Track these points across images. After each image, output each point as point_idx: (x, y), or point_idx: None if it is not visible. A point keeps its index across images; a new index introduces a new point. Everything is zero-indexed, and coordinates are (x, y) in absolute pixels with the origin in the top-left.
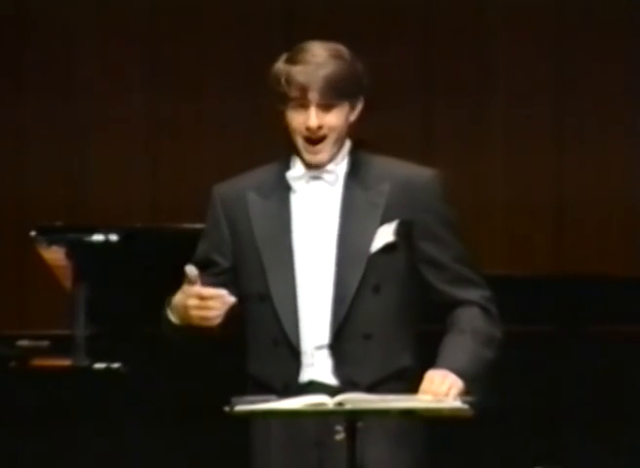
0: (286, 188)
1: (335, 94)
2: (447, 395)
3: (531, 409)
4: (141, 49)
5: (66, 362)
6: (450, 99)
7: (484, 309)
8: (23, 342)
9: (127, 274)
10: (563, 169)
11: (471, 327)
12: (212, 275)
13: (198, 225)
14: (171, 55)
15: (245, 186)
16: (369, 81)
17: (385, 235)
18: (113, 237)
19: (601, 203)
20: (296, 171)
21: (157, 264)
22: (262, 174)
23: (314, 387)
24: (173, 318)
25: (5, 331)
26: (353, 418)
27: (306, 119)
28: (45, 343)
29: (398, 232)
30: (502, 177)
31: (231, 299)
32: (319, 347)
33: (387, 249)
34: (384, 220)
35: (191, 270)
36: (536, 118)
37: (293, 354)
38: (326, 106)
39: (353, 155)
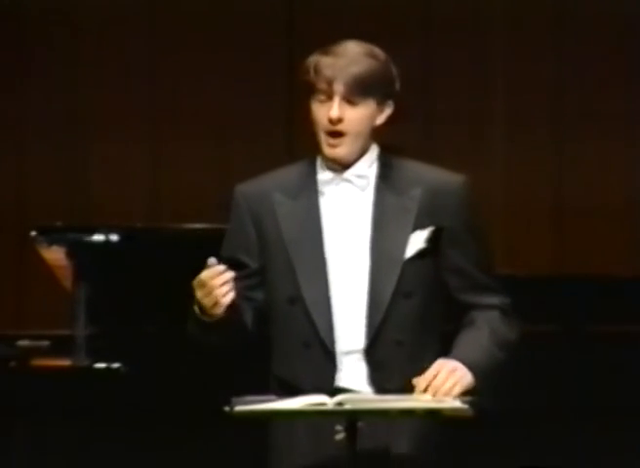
0: (314, 190)
1: (361, 90)
2: (448, 393)
3: (531, 410)
4: (142, 49)
5: (66, 362)
6: (449, 100)
7: (503, 312)
8: (23, 342)
9: (127, 274)
10: (563, 169)
11: (489, 326)
12: (240, 278)
13: (198, 225)
14: (172, 55)
15: (270, 186)
16: (401, 88)
17: (418, 242)
18: (113, 237)
19: (601, 203)
20: (326, 173)
21: (157, 264)
22: (287, 174)
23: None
24: (204, 318)
25: (5, 331)
26: (353, 418)
27: (329, 110)
28: (45, 343)
29: (430, 239)
30: (502, 178)
31: (230, 274)
32: (349, 352)
33: (419, 255)
34: (416, 226)
35: (211, 261)
36: (535, 118)
37: (326, 357)
38: (350, 101)
39: (382, 159)
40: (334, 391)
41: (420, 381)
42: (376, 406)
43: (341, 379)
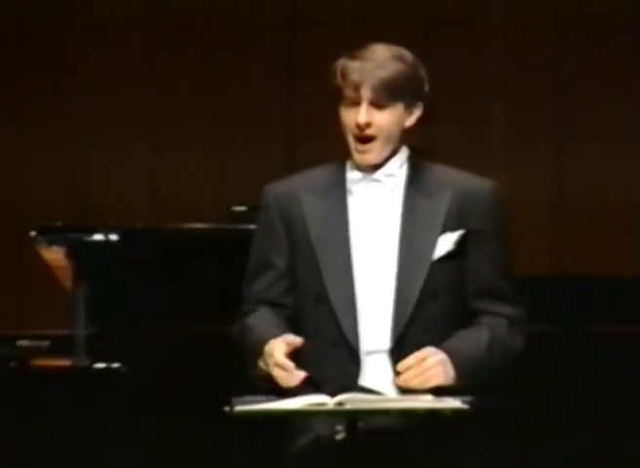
0: (342, 190)
1: (388, 94)
2: (423, 384)
3: (531, 410)
4: (142, 50)
5: (66, 362)
6: (449, 100)
7: (511, 322)
8: (23, 342)
9: (127, 274)
10: (563, 169)
11: (492, 331)
12: (270, 284)
13: (198, 225)
14: (172, 55)
15: (299, 187)
16: (431, 90)
17: (447, 244)
18: (113, 237)
19: (601, 203)
20: (355, 173)
21: (157, 264)
22: (317, 175)
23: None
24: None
25: (5, 331)
26: (353, 418)
27: (357, 115)
28: (45, 343)
29: (459, 242)
30: (502, 178)
31: (301, 374)
32: (373, 352)
33: (447, 257)
34: (444, 228)
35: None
36: (536, 119)
37: (352, 357)
38: (378, 105)
39: (412, 161)
40: (359, 391)
41: (404, 362)
42: (376, 406)
43: (366, 379)
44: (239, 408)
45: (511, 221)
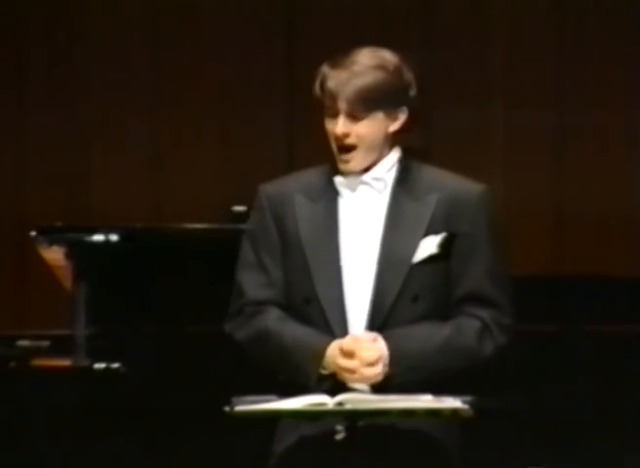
0: (334, 192)
1: (363, 105)
2: (355, 372)
3: (531, 410)
4: (142, 52)
5: (66, 362)
6: (449, 102)
7: (484, 325)
8: (23, 342)
9: (127, 274)
10: (563, 169)
11: (457, 330)
12: (265, 285)
13: (198, 225)
14: (171, 58)
15: (292, 188)
16: (417, 91)
17: (429, 247)
18: (113, 237)
19: (601, 203)
20: (346, 176)
21: (157, 264)
22: (310, 176)
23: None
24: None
25: (5, 331)
26: (353, 418)
27: (335, 126)
28: (45, 343)
29: (442, 245)
30: (503, 177)
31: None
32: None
33: (430, 260)
34: (429, 231)
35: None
36: (535, 120)
37: None
38: (354, 116)
39: (403, 164)
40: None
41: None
42: (376, 406)
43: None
44: (239, 408)
45: (512, 221)
